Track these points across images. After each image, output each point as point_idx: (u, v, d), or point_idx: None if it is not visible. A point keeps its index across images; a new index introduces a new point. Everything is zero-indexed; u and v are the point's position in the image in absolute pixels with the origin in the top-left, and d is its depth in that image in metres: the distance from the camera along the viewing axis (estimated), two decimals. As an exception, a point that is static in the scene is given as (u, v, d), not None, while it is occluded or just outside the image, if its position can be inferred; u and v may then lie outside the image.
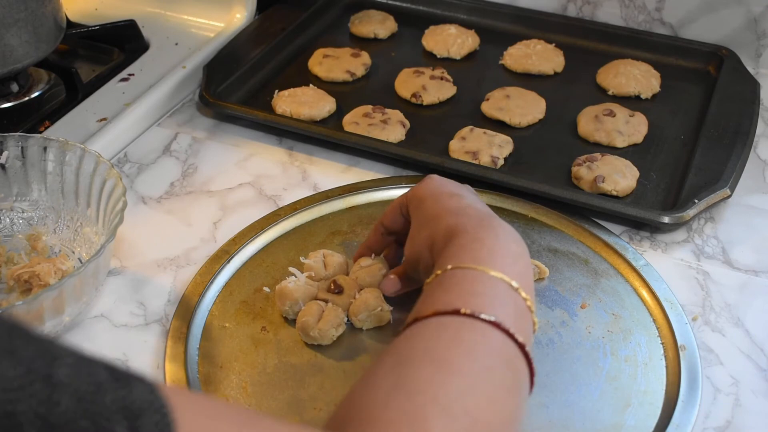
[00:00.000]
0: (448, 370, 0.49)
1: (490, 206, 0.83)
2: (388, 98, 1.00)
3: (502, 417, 0.49)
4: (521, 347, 0.53)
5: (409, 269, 0.68)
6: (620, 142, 0.92)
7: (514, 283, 0.56)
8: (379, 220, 0.73)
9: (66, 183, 0.80)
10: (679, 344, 0.70)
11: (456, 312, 0.53)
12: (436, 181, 0.68)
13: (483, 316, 0.52)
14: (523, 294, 0.56)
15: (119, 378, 0.36)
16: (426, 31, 1.11)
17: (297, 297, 0.72)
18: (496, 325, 0.52)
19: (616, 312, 0.73)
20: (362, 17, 1.14)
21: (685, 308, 0.73)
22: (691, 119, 0.96)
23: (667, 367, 0.69)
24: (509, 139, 0.92)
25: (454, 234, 0.61)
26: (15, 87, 1.00)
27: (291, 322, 0.73)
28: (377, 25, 1.12)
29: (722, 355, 0.70)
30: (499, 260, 0.57)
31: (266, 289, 0.75)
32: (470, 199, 0.66)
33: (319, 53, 1.06)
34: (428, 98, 0.99)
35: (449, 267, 0.57)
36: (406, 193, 0.70)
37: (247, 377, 0.68)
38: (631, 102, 0.99)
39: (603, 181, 0.84)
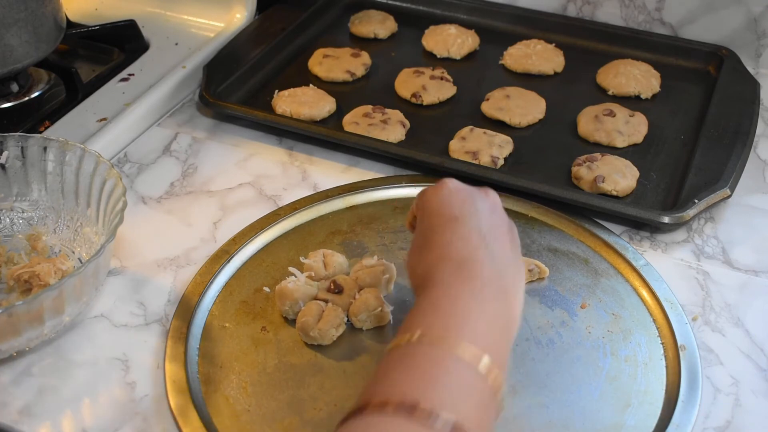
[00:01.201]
0: None
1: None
2: (388, 98, 1.00)
3: None
4: None
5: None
6: (620, 142, 0.92)
7: (485, 360, 0.50)
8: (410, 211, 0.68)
9: (66, 183, 0.80)
10: (679, 344, 0.70)
11: (414, 406, 0.47)
12: (443, 192, 0.61)
13: (443, 415, 0.46)
14: (493, 375, 0.50)
15: None
16: (426, 31, 1.11)
17: (297, 297, 0.71)
18: (457, 428, 0.46)
19: (616, 312, 0.73)
20: (362, 17, 1.14)
21: (685, 308, 0.73)
22: (691, 119, 0.96)
23: (667, 367, 0.69)
24: (509, 139, 0.92)
25: (429, 283, 0.56)
26: (15, 87, 1.00)
27: (291, 322, 0.73)
28: (377, 25, 1.12)
29: (722, 355, 0.70)
30: (470, 327, 0.52)
31: (266, 289, 0.75)
32: (469, 226, 0.58)
33: (319, 53, 1.06)
34: (428, 98, 0.99)
35: (416, 336, 0.52)
36: (420, 193, 0.64)
37: (247, 377, 0.68)
38: (631, 102, 0.99)
39: (603, 181, 0.84)
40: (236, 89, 1.00)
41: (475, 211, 0.60)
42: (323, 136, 0.92)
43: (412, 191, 0.86)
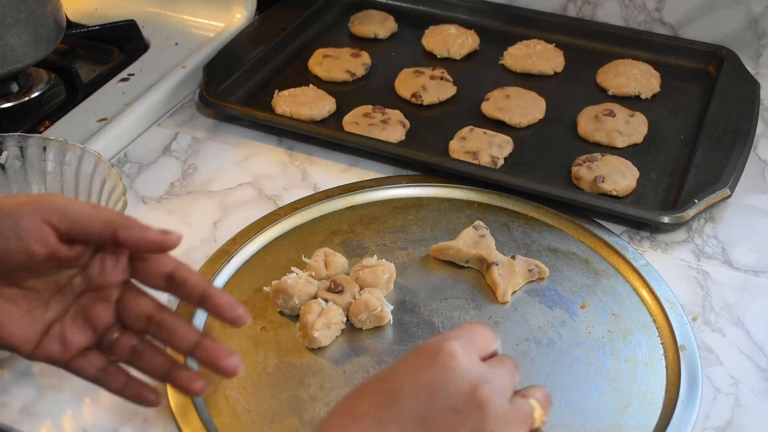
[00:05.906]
0: None
1: (490, 206, 0.84)
2: (388, 98, 1.00)
3: None
4: None
5: None
6: (620, 142, 0.92)
7: None
8: None
9: (66, 183, 0.80)
10: (679, 344, 0.70)
11: None
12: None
13: None
14: None
15: None
16: (426, 31, 1.11)
17: (292, 293, 0.71)
18: None
19: (616, 312, 0.73)
20: (362, 17, 1.14)
21: (685, 308, 0.73)
22: (691, 119, 0.96)
23: (667, 367, 0.69)
24: (509, 139, 0.92)
25: None
26: (15, 87, 1.00)
27: (291, 321, 0.73)
28: (377, 25, 1.12)
29: (722, 355, 0.70)
30: None
31: (266, 288, 0.75)
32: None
33: (319, 53, 1.06)
34: (428, 98, 0.99)
35: None
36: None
37: (247, 377, 0.68)
38: (631, 102, 0.99)
39: (603, 181, 0.84)
40: (236, 89, 1.00)
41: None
42: (323, 136, 0.92)
43: (412, 191, 0.86)
